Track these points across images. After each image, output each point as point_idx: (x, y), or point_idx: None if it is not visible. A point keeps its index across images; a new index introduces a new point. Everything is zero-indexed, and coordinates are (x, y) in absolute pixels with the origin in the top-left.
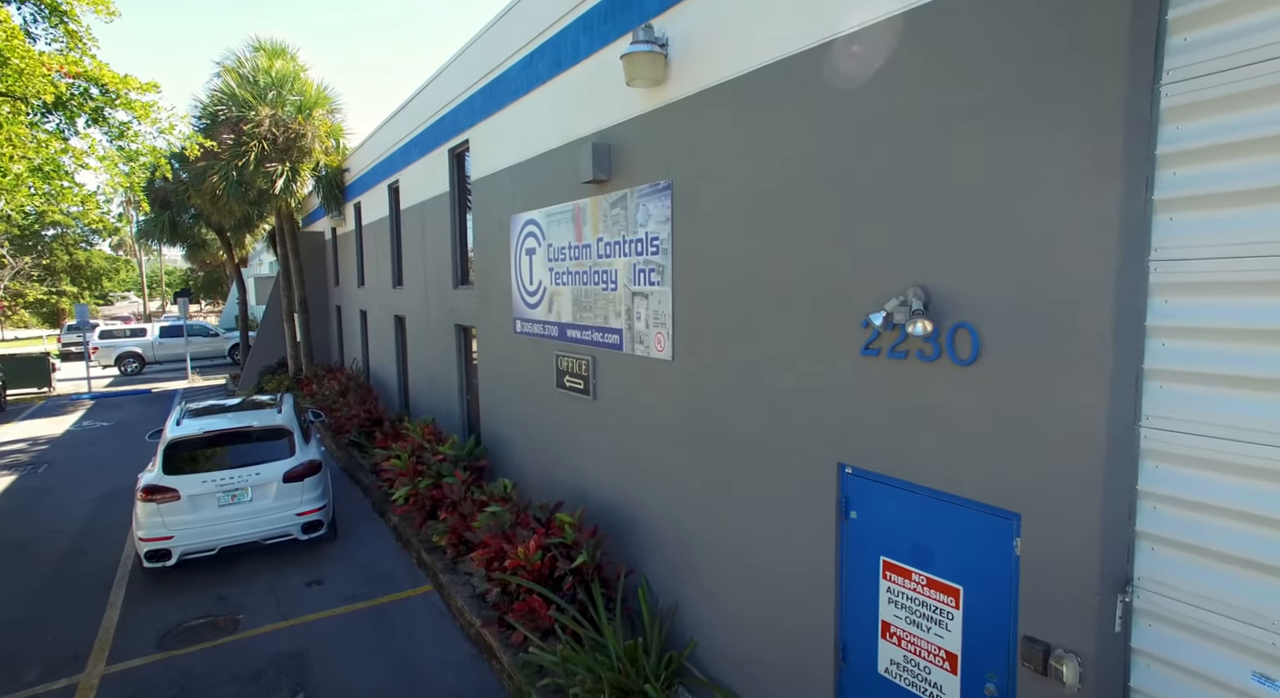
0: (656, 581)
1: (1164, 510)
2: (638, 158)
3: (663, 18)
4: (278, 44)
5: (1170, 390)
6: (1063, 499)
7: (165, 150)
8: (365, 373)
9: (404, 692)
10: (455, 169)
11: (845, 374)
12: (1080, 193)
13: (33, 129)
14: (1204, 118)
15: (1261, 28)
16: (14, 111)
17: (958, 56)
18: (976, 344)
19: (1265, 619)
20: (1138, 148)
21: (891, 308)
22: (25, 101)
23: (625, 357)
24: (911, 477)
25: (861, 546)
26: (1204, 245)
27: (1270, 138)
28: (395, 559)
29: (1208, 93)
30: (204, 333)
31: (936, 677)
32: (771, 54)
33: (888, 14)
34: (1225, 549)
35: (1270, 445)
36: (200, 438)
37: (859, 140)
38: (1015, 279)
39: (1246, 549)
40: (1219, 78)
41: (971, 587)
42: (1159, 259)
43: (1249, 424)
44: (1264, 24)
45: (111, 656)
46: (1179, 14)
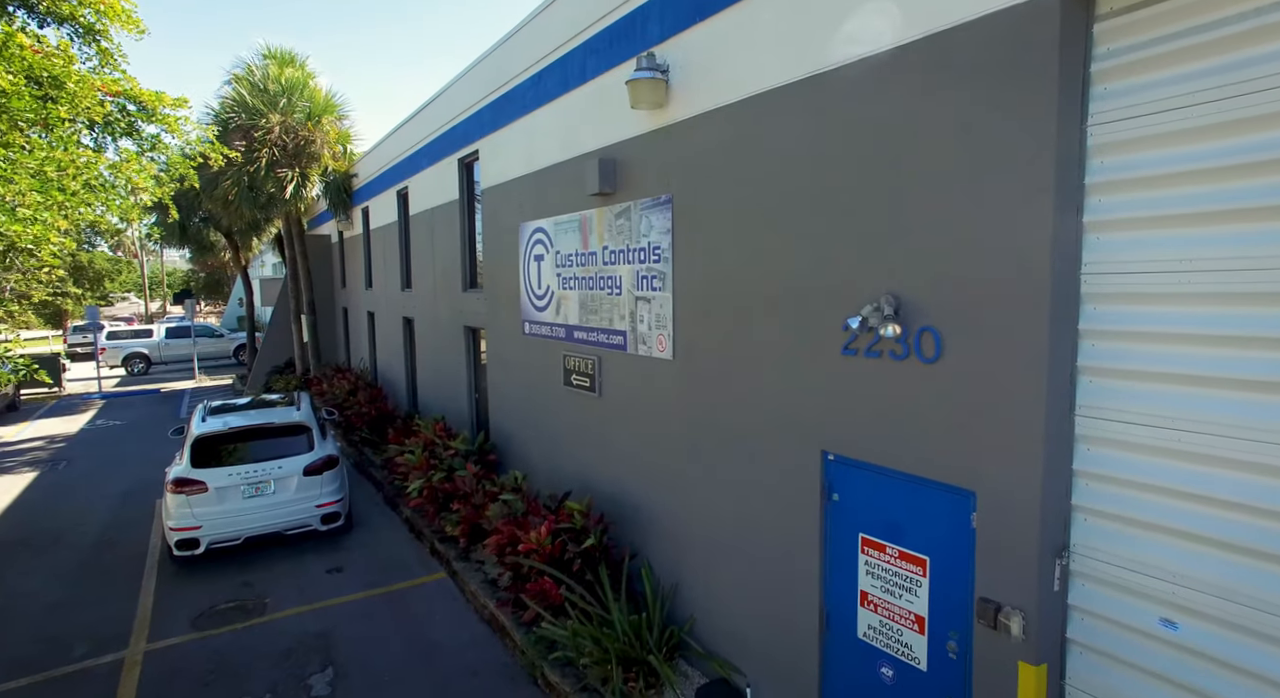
0: (658, 563)
1: (1095, 487)
2: (641, 173)
3: (664, 46)
4: (287, 52)
5: (1099, 384)
6: (1011, 478)
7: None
8: (372, 373)
9: (424, 666)
10: (464, 178)
11: (827, 371)
12: (1023, 217)
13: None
14: (1120, 155)
15: (1159, 84)
16: (72, 133)
17: (923, 98)
18: (939, 345)
19: (1170, 574)
20: (1071, 178)
21: (867, 313)
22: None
23: (629, 356)
24: (885, 461)
25: (842, 524)
26: (1125, 261)
27: (1168, 175)
28: (409, 549)
29: (1123, 135)
30: (209, 334)
31: (907, 638)
32: (761, 84)
33: (859, 56)
34: (1143, 518)
35: (1178, 430)
36: (226, 434)
37: (839, 165)
38: (971, 289)
39: (1160, 517)
40: (1130, 123)
41: (936, 557)
42: (1089, 272)
43: (1163, 412)
44: (1162, 81)
45: (151, 635)
46: (1099, 68)
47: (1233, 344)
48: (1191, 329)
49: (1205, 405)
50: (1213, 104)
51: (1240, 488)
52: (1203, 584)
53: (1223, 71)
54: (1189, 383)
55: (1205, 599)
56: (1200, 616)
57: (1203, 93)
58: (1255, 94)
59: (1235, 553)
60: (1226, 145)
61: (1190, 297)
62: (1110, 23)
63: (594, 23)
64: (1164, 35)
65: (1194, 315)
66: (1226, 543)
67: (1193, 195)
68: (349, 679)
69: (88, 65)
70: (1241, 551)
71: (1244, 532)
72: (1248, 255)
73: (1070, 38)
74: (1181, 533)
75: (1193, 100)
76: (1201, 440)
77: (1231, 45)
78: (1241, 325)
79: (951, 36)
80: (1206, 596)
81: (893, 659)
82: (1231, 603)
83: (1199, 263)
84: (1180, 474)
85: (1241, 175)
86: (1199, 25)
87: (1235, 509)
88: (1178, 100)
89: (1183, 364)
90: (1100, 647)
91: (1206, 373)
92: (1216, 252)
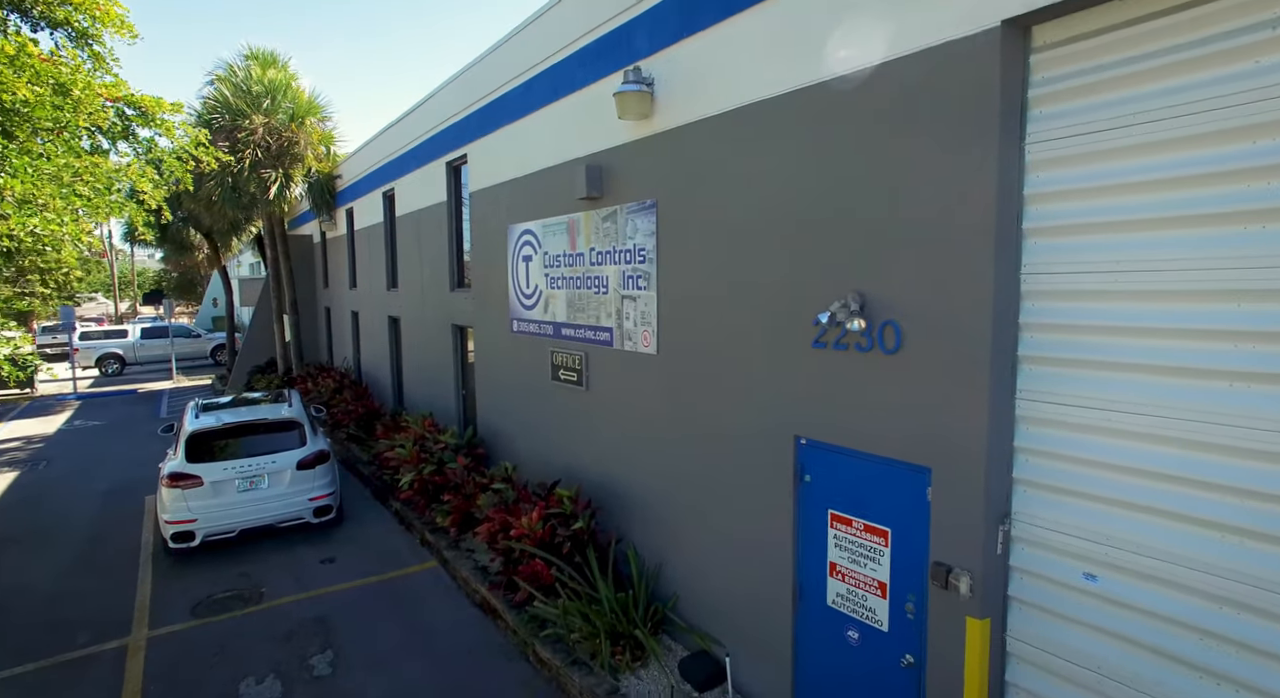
0: (643, 546)
1: (1033, 461)
2: (627, 179)
3: (650, 60)
4: (269, 53)
5: (1036, 371)
6: (961, 455)
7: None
8: (357, 371)
9: (421, 646)
10: (452, 180)
11: (799, 363)
12: (970, 224)
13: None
14: (1054, 170)
15: (1086, 110)
16: (76, 139)
17: (882, 116)
18: (899, 337)
19: (1092, 534)
20: (1011, 190)
21: (835, 309)
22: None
23: (615, 352)
24: (852, 443)
25: (813, 502)
26: (1058, 263)
27: (1094, 188)
28: (400, 540)
29: (1056, 153)
30: (186, 334)
31: (871, 603)
32: (741, 100)
33: (826, 78)
34: (1072, 487)
35: (1104, 410)
36: (220, 429)
37: (809, 175)
38: (928, 287)
39: (1086, 486)
40: (1061, 142)
41: (897, 528)
42: (1027, 273)
43: (1091, 394)
44: (1087, 107)
45: (152, 623)
46: (1035, 93)
47: (1151, 335)
48: (1116, 322)
49: (1127, 388)
50: (1130, 128)
51: (1153, 458)
52: (1119, 542)
53: (1139, 100)
54: (1114, 369)
55: (1121, 554)
56: (1116, 569)
57: (1122, 118)
58: (1166, 121)
59: (1147, 514)
60: (1142, 163)
61: (1115, 294)
62: (1044, 55)
63: (583, 35)
64: (1089, 67)
65: (1118, 310)
66: (1140, 506)
67: (1115, 206)
68: (349, 659)
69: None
70: (1153, 512)
71: (1155, 496)
72: (1164, 258)
73: (1010, 67)
74: (1103, 499)
75: (1113, 124)
76: (1123, 419)
77: (1146, 78)
78: (1158, 319)
79: (907, 63)
80: (1122, 551)
81: (858, 623)
82: (1142, 557)
83: (1122, 265)
84: (1104, 448)
85: (1156, 189)
86: (1118, 60)
87: (1149, 477)
88: (1101, 123)
89: (1109, 353)
90: (1035, 601)
91: (1129, 360)
92: (1137, 255)
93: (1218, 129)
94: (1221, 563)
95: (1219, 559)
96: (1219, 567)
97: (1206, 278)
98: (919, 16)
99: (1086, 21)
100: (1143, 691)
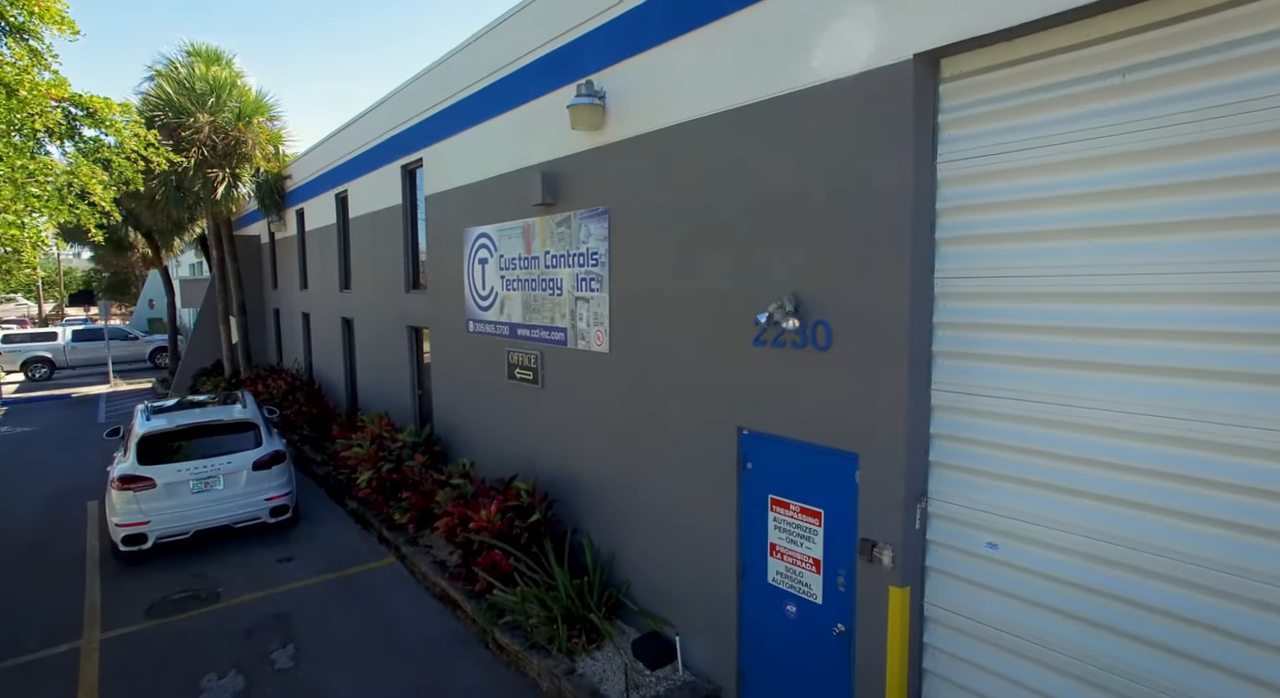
0: (597, 536)
1: (946, 445)
2: (580, 186)
3: (601, 75)
4: (213, 50)
5: (948, 365)
6: (884, 441)
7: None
8: (308, 373)
9: (382, 638)
10: (407, 184)
11: (741, 359)
12: (889, 233)
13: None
14: (960, 187)
15: (985, 135)
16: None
17: (811, 134)
18: (830, 336)
19: (994, 507)
20: (925, 204)
21: (772, 310)
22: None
23: (570, 351)
24: (789, 433)
25: (755, 488)
26: (965, 268)
27: (993, 203)
28: (358, 538)
29: (962, 171)
30: (123, 336)
31: (807, 578)
32: (685, 115)
33: (759, 99)
34: (978, 467)
35: (1007, 398)
36: (173, 431)
37: (747, 186)
38: (854, 290)
39: (989, 465)
40: (965, 162)
41: (829, 509)
42: (940, 277)
43: (994, 384)
44: (986, 132)
45: (104, 625)
46: (944, 119)
47: (1040, 332)
48: (1013, 320)
49: (1024, 378)
50: (1023, 151)
51: (1045, 440)
52: (1015, 513)
53: (1030, 128)
54: (1012, 362)
55: (1018, 524)
56: (1014, 537)
57: (1016, 142)
58: (1052, 146)
59: (1038, 488)
60: (1034, 183)
61: (1011, 296)
62: (951, 85)
63: (538, 47)
64: (988, 97)
65: (1014, 310)
66: (1033, 481)
67: (1012, 219)
68: (311, 652)
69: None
70: (1042, 485)
71: (1046, 472)
72: (1050, 265)
73: (922, 95)
74: (1003, 476)
75: (1008, 147)
76: (1020, 405)
77: (1035, 109)
78: (1046, 318)
79: (833, 88)
80: (1017, 521)
81: (796, 598)
82: (1034, 525)
83: (1015, 270)
84: (1004, 432)
85: (1045, 206)
86: (1012, 92)
87: (1041, 456)
88: (998, 147)
89: (1008, 347)
90: (948, 570)
91: (1024, 354)
92: (1030, 261)
93: (1090, 156)
94: (1099, 528)
95: (1098, 525)
96: (1098, 532)
97: (1085, 283)
98: (842, 48)
99: (985, 58)
100: (1039, 643)
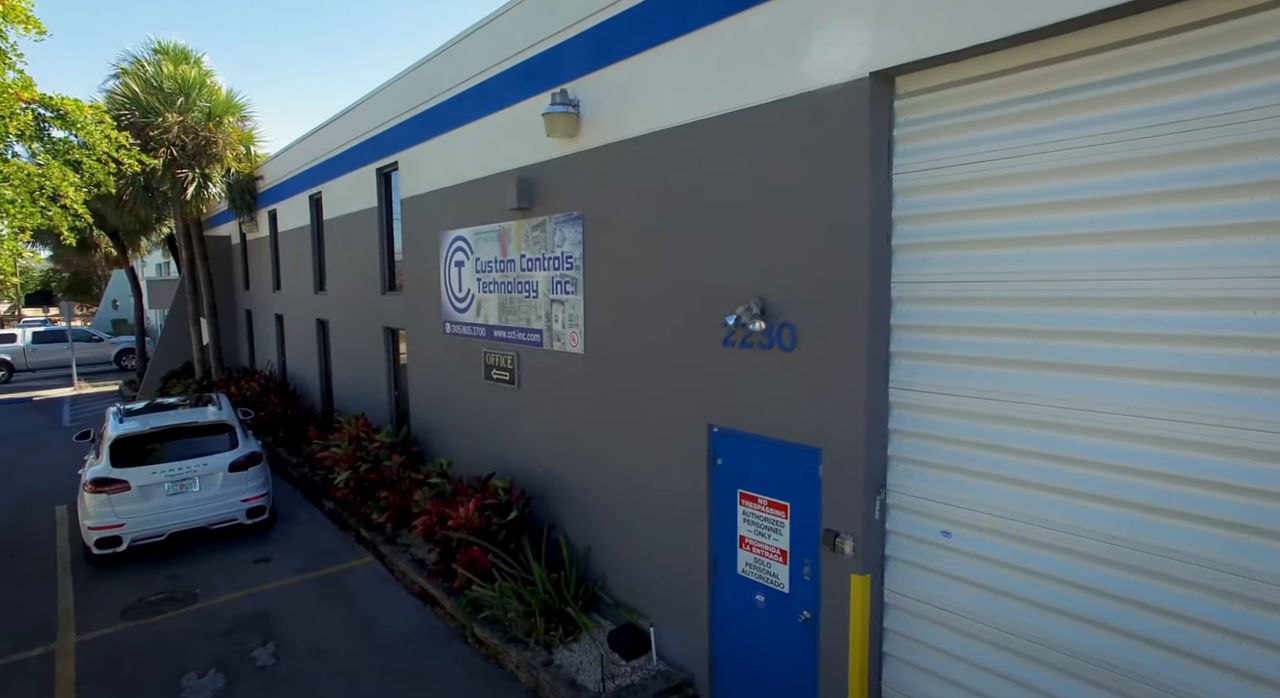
0: (574, 531)
1: (903, 440)
2: (556, 192)
3: (575, 84)
4: (180, 48)
5: (905, 364)
6: (846, 437)
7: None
8: (282, 374)
9: (363, 635)
10: (383, 186)
11: (710, 360)
12: (851, 241)
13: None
14: (914, 197)
15: (936, 149)
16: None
17: (777, 146)
18: (794, 337)
19: (947, 498)
20: (882, 213)
21: (740, 312)
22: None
23: (545, 352)
24: (757, 430)
25: (724, 483)
26: (919, 274)
27: (943, 213)
28: (335, 538)
29: (915, 182)
30: (87, 338)
31: (774, 569)
32: (656, 125)
33: (727, 111)
34: (933, 460)
35: (959, 395)
36: (147, 434)
37: (715, 194)
38: (816, 294)
39: (943, 459)
40: (918, 174)
41: (795, 502)
42: (896, 281)
43: (948, 382)
44: (937, 146)
45: (79, 628)
46: (899, 133)
47: (989, 333)
48: (964, 322)
49: (974, 377)
50: (967, 165)
51: (994, 434)
52: (967, 503)
53: (978, 142)
54: (964, 361)
55: (969, 514)
56: (966, 525)
57: (965, 156)
58: (997, 160)
59: (988, 479)
60: (982, 194)
61: (962, 299)
62: (905, 101)
63: (512, 56)
64: (940, 113)
65: (965, 313)
66: (983, 473)
67: (962, 227)
68: (292, 650)
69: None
70: (991, 477)
71: (994, 464)
72: (998, 270)
73: (878, 110)
74: (956, 469)
75: (958, 161)
76: (971, 402)
77: (983, 125)
78: (994, 320)
79: (796, 102)
80: (969, 511)
81: (764, 587)
82: (983, 514)
83: (965, 276)
84: (957, 427)
85: (988, 216)
86: (961, 109)
87: (990, 449)
88: (949, 160)
89: (960, 348)
90: (906, 558)
91: (975, 354)
92: (979, 268)
93: (1025, 171)
94: (1043, 515)
95: (1041, 513)
96: (1041, 519)
97: (1026, 288)
98: (805, 64)
99: (936, 77)
100: (990, 625)
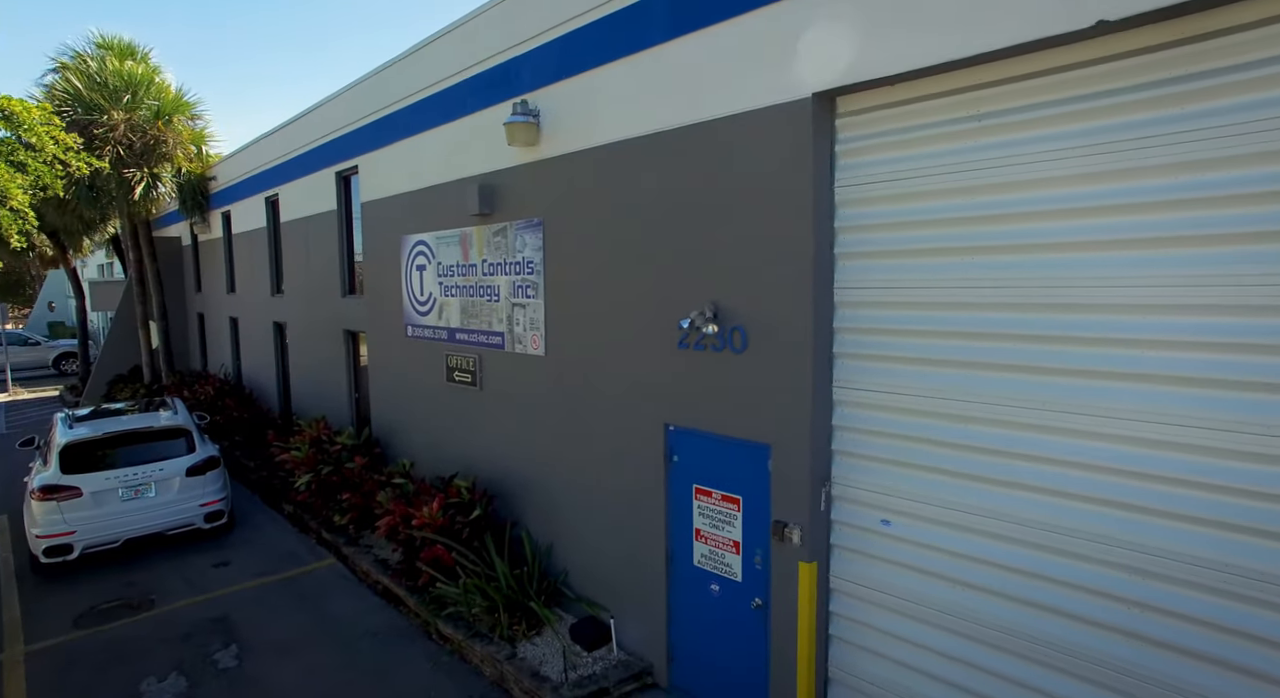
0: (536, 528)
1: (846, 436)
2: (517, 198)
3: (535, 94)
4: (126, 43)
5: (847, 364)
6: (793, 433)
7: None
8: (236, 378)
9: (327, 634)
10: (343, 190)
11: (666, 361)
12: (797, 249)
13: None
14: (854, 209)
15: (872, 164)
16: None
17: (727, 159)
18: (745, 339)
19: (887, 489)
20: (825, 224)
21: (694, 316)
22: None
23: (507, 354)
24: (710, 428)
25: (680, 479)
26: (860, 280)
27: (875, 224)
28: (296, 541)
29: (855, 195)
30: (21, 341)
31: (728, 559)
32: (613, 135)
33: (680, 124)
34: (873, 454)
35: (898, 393)
36: (99, 439)
37: (669, 203)
38: (765, 299)
39: (883, 452)
40: (858, 188)
41: (747, 495)
42: (839, 287)
43: (888, 381)
44: (873, 162)
45: (28, 638)
46: (840, 148)
47: (926, 336)
48: (902, 325)
49: (912, 376)
50: (904, 180)
51: (930, 429)
52: (905, 493)
53: (910, 159)
54: (903, 362)
55: (907, 503)
56: (904, 514)
57: (899, 172)
58: (926, 176)
59: (923, 471)
60: (916, 207)
61: (901, 304)
62: (846, 120)
63: (472, 66)
64: (878, 131)
65: (904, 316)
66: (919, 465)
67: (897, 237)
68: (254, 651)
69: None
70: (928, 469)
71: (930, 457)
72: (932, 278)
73: (820, 127)
74: (895, 461)
75: (894, 176)
76: (909, 399)
77: (913, 144)
78: (930, 323)
79: (745, 118)
80: (907, 500)
81: (718, 577)
82: (921, 503)
83: (903, 282)
84: (896, 423)
85: (923, 227)
86: (896, 129)
87: (926, 443)
88: (886, 175)
89: (899, 349)
90: (850, 545)
91: (913, 355)
92: (912, 275)
93: (956, 186)
94: (975, 504)
95: (972, 501)
96: (972, 507)
97: (961, 294)
98: (752, 84)
99: (873, 98)
100: (929, 606)
